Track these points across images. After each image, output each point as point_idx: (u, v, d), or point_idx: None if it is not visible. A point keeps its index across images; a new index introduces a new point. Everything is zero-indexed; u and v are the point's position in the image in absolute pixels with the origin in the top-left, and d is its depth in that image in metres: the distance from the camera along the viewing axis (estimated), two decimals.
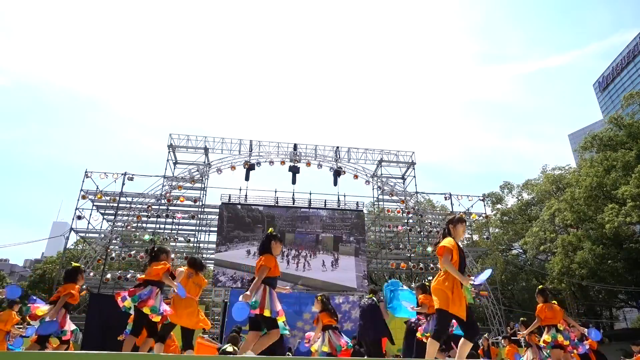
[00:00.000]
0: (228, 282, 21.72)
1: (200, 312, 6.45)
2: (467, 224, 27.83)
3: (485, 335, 11.93)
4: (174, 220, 23.55)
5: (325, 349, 7.58)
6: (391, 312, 7.96)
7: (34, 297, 6.79)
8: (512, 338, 12.97)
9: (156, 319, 5.94)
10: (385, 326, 8.04)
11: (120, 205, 22.58)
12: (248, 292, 4.71)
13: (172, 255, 24.91)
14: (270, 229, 5.57)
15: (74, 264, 7.48)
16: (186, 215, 23.58)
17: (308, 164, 24.57)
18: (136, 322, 5.99)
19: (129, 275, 22.32)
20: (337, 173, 24.67)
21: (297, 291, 21.29)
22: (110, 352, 8.04)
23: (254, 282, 4.86)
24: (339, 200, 24.49)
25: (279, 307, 4.85)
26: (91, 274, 21.80)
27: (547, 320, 7.68)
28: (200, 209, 23.62)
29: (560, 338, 7.44)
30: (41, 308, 6.23)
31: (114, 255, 22.56)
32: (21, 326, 9.42)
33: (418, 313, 7.39)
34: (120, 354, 7.66)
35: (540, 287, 8.40)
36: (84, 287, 9.28)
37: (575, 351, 7.94)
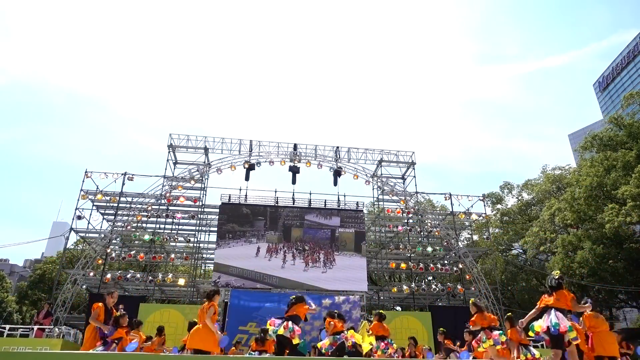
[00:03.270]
0: (229, 282, 21.24)
1: None
2: (467, 224, 27.95)
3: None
4: (174, 220, 23.54)
5: None
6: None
7: None
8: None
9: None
10: None
11: (120, 205, 22.57)
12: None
13: (172, 255, 24.71)
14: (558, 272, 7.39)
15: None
16: (186, 215, 23.56)
17: (308, 164, 24.54)
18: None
19: (129, 275, 22.32)
20: (337, 173, 24.64)
21: (297, 291, 21.21)
22: (110, 352, 8.05)
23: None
24: (339, 200, 24.45)
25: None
26: (91, 274, 21.80)
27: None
28: (200, 209, 23.60)
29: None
30: None
31: (114, 255, 22.55)
32: None
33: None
34: (120, 354, 7.68)
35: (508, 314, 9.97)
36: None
37: None
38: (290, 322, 8.47)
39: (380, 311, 11.06)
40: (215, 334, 7.33)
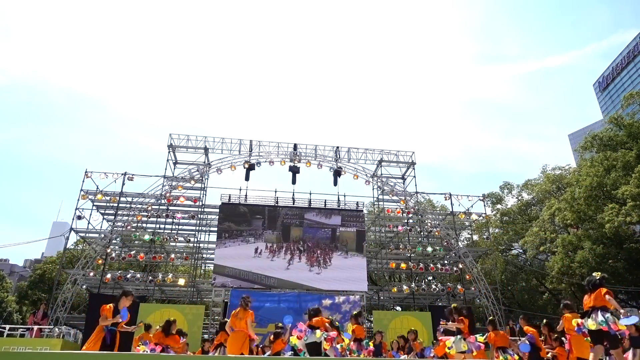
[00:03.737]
0: (228, 282, 21.24)
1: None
2: (467, 224, 27.96)
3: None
4: (174, 220, 23.53)
5: None
6: None
7: None
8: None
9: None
10: None
11: (120, 205, 22.57)
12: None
13: (172, 255, 24.62)
14: None
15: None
16: (186, 215, 23.55)
17: (308, 164, 24.54)
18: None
19: (129, 275, 22.31)
20: (337, 173, 24.64)
21: (297, 290, 21.22)
22: (110, 352, 8.06)
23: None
24: (339, 200, 24.46)
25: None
26: (91, 274, 21.80)
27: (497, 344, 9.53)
28: (200, 209, 23.60)
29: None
30: None
31: (114, 255, 22.55)
32: None
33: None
34: (120, 354, 7.67)
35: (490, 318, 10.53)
36: None
37: None
38: (324, 329, 8.71)
39: (355, 312, 11.25)
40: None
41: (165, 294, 26.58)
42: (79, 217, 21.95)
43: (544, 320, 10.68)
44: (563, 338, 9.65)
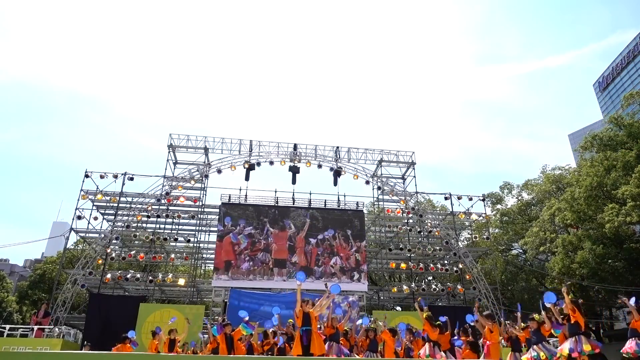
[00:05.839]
0: (228, 285, 21.30)
1: None
2: (467, 224, 27.94)
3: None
4: (174, 220, 23.54)
5: None
6: None
7: None
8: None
9: None
10: None
11: (120, 205, 22.58)
12: None
13: (172, 255, 24.54)
14: None
15: None
16: (186, 215, 23.57)
17: (308, 164, 24.56)
18: None
19: (128, 275, 22.32)
20: (337, 173, 24.65)
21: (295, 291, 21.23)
22: (110, 352, 8.05)
23: None
24: (339, 200, 24.47)
25: None
26: (91, 274, 21.80)
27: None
28: (200, 209, 23.61)
29: None
30: None
31: (114, 255, 22.55)
32: None
33: None
34: (120, 354, 7.70)
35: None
36: None
37: None
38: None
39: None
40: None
41: (165, 294, 26.58)
42: (79, 217, 21.97)
43: (467, 325, 11.11)
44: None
